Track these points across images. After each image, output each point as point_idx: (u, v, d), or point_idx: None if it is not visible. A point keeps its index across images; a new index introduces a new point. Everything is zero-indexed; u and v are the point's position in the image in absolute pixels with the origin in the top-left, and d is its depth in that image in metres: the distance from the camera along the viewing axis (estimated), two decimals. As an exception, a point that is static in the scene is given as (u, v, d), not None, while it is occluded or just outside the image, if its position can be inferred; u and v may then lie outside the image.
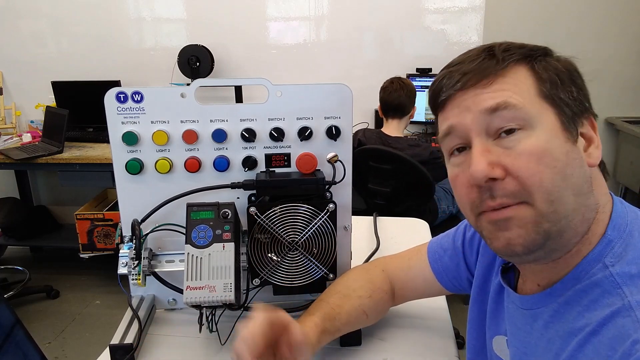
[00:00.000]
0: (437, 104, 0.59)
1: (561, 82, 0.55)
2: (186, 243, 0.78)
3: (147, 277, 0.83)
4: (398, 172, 2.18)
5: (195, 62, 2.91)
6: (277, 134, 0.86)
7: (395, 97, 2.30)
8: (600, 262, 0.53)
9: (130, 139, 0.84)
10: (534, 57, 0.56)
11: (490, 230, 0.55)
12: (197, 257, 0.77)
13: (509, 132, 0.53)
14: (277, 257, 0.84)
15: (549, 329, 0.56)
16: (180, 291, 0.87)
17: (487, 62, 0.55)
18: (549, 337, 0.56)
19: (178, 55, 2.93)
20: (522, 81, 0.54)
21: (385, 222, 1.35)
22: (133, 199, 0.87)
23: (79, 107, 2.87)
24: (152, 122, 0.85)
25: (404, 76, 2.80)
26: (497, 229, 0.54)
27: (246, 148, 0.87)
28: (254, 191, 0.86)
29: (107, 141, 0.89)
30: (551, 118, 0.53)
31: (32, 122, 3.21)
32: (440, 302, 0.96)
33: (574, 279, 0.55)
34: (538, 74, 0.55)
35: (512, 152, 0.52)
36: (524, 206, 0.52)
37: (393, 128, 2.34)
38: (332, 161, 0.85)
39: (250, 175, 0.87)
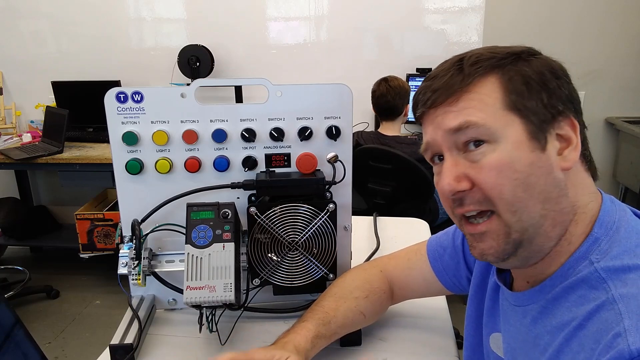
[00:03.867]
0: (416, 118, 0.63)
1: (529, 90, 0.55)
2: (186, 243, 0.78)
3: (147, 277, 0.83)
4: (397, 172, 2.18)
5: (195, 62, 2.91)
6: (277, 134, 0.86)
7: (383, 102, 2.29)
8: (587, 259, 0.54)
9: (130, 139, 0.84)
10: (502, 66, 0.56)
11: (469, 239, 0.60)
12: (197, 257, 0.77)
13: (477, 143, 0.55)
14: (277, 257, 0.84)
15: (537, 324, 0.58)
16: (180, 291, 0.87)
17: (455, 77, 0.57)
18: (537, 333, 0.58)
19: (178, 55, 2.93)
20: (487, 94, 0.55)
21: (385, 222, 1.35)
22: (133, 199, 0.87)
23: (79, 107, 2.87)
24: (152, 122, 0.85)
25: (404, 76, 2.81)
26: (474, 240, 0.59)
27: (246, 148, 0.87)
28: (254, 191, 0.86)
29: (107, 141, 0.89)
30: (517, 129, 0.54)
31: (32, 122, 3.21)
32: (440, 301, 0.96)
33: (561, 276, 0.56)
34: (505, 84, 0.55)
35: (477, 165, 0.55)
36: (495, 218, 0.56)
37: (389, 128, 2.35)
38: (332, 161, 0.85)
39: (250, 175, 0.87)
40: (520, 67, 0.56)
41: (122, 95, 0.84)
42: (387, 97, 2.27)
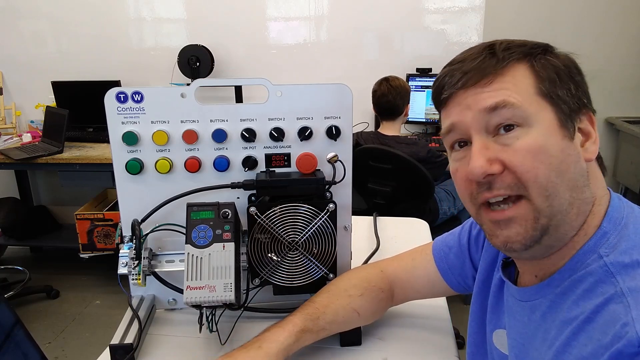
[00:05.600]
0: (439, 101, 0.62)
1: (560, 80, 0.56)
2: (186, 243, 0.78)
3: (147, 277, 0.83)
4: (397, 172, 2.18)
5: (195, 62, 2.91)
6: (277, 134, 0.86)
7: (384, 102, 2.30)
8: (595, 253, 0.54)
9: (130, 139, 0.84)
10: (533, 55, 0.57)
11: (490, 227, 0.58)
12: (197, 257, 0.77)
13: (508, 128, 0.55)
14: (277, 257, 0.84)
15: (546, 319, 0.58)
16: (180, 291, 0.87)
17: (488, 61, 0.57)
18: (546, 328, 0.58)
19: (178, 55, 2.93)
20: (521, 80, 0.56)
21: (385, 222, 1.35)
22: (133, 199, 0.87)
23: (79, 107, 2.87)
24: (152, 122, 0.85)
25: (404, 76, 2.81)
26: (497, 227, 0.57)
27: (246, 148, 0.87)
28: (254, 191, 0.86)
29: (107, 141, 0.89)
30: (549, 116, 0.55)
31: (32, 122, 3.21)
32: (440, 301, 0.96)
33: (570, 270, 0.56)
34: (537, 72, 0.56)
35: (509, 148, 0.54)
36: (524, 203, 0.55)
37: (389, 128, 2.35)
38: (332, 161, 0.85)
39: (250, 175, 0.88)
40: (549, 58, 0.57)
41: (122, 95, 0.84)
42: (388, 97, 2.27)
